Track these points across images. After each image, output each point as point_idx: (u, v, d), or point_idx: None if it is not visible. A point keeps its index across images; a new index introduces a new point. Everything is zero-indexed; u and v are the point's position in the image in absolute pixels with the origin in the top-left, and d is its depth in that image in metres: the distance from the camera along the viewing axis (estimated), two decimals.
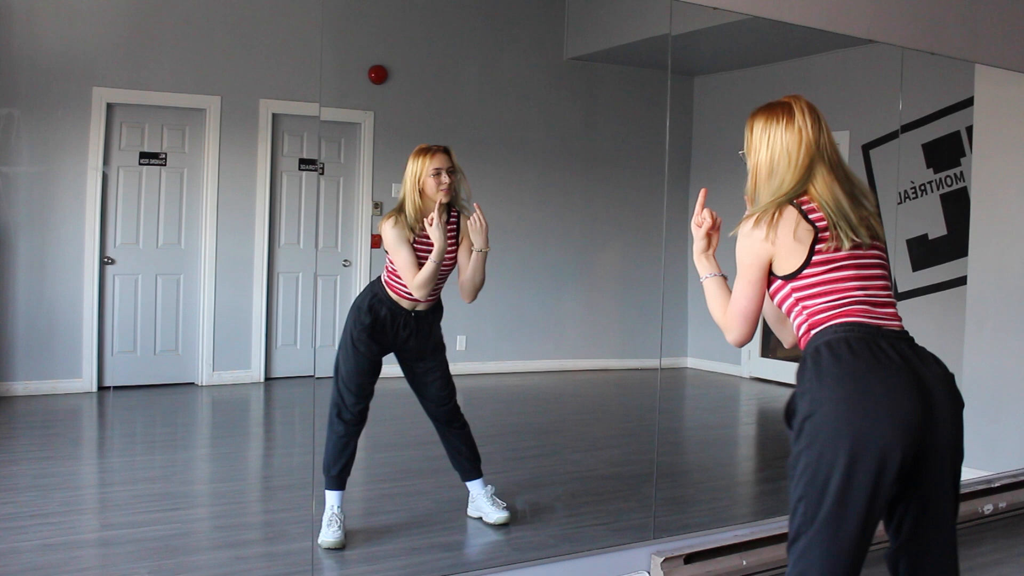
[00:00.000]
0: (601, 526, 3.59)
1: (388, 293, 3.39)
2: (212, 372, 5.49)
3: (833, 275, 2.03)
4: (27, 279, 5.12)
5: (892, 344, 1.97)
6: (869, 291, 2.04)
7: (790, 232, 2.03)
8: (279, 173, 5.71)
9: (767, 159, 2.13)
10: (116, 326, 5.25)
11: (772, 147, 2.12)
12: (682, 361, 6.92)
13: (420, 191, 3.35)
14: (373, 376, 3.42)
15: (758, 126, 2.16)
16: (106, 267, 5.24)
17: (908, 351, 1.99)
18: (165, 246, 5.45)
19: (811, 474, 1.92)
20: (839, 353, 1.94)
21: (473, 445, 3.58)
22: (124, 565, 3.06)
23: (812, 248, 2.03)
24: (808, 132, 2.10)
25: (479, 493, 3.58)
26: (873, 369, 1.92)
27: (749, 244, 2.08)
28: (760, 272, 2.08)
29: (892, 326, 2.03)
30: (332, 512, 3.31)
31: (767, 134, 2.13)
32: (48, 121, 5.16)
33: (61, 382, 5.12)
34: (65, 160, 5.22)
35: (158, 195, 5.41)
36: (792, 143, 2.10)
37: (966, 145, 5.38)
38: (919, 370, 1.96)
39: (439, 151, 3.38)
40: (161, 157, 5.40)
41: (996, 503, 4.16)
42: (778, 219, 2.04)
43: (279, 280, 5.70)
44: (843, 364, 1.93)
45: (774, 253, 2.05)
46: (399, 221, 3.33)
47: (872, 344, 1.95)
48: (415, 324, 3.41)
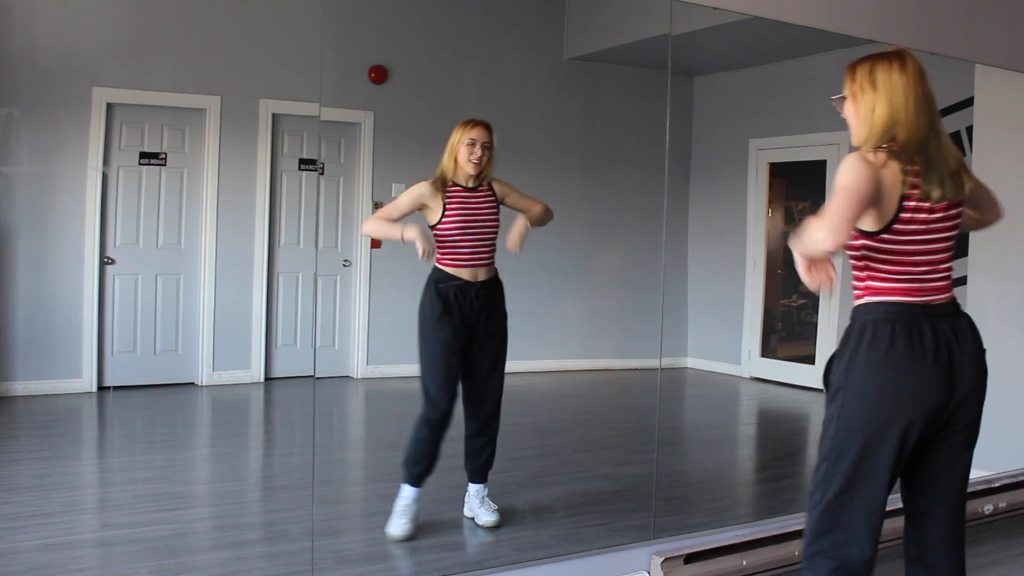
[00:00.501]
0: (601, 526, 3.59)
1: (445, 270, 3.44)
2: (212, 372, 5.49)
3: (906, 247, 2.10)
4: (27, 279, 5.11)
5: (933, 325, 2.10)
6: (929, 265, 2.12)
7: (892, 186, 2.05)
8: (279, 173, 5.71)
9: (883, 101, 2.12)
10: (116, 326, 5.25)
11: (887, 90, 2.12)
12: (682, 361, 6.92)
13: (455, 159, 3.46)
14: (456, 370, 3.44)
15: (874, 72, 2.14)
16: (106, 267, 5.24)
17: (947, 331, 2.11)
18: (165, 246, 5.45)
19: (835, 441, 2.14)
20: (880, 339, 2.08)
21: (494, 452, 3.60)
22: (124, 565, 3.06)
23: (898, 213, 2.07)
24: (922, 84, 2.13)
25: (473, 492, 3.59)
26: (907, 361, 2.07)
27: (863, 172, 2.02)
28: (868, 198, 2.02)
29: (940, 299, 2.14)
30: (406, 503, 3.38)
31: (882, 77, 2.13)
32: (48, 121, 5.16)
33: (61, 382, 5.12)
34: (65, 160, 5.22)
35: (158, 195, 5.41)
36: (904, 88, 2.11)
37: (966, 145, 5.38)
38: (952, 354, 2.11)
39: (480, 124, 3.49)
40: (161, 157, 5.40)
41: (996, 503, 4.16)
42: (887, 169, 2.06)
43: (279, 280, 5.70)
44: (881, 351, 2.08)
45: (879, 195, 2.05)
46: (431, 185, 3.43)
47: (914, 329, 2.08)
48: (484, 295, 3.46)
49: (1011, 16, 4.39)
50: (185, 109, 5.46)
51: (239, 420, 5.47)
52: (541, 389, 5.84)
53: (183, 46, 5.46)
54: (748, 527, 3.59)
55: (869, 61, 2.17)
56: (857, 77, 2.17)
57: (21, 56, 5.05)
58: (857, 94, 2.17)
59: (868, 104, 2.14)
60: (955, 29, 4.18)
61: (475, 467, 3.59)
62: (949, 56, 4.16)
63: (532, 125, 6.00)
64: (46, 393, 5.05)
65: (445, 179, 3.45)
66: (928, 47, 4.05)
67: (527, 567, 3.18)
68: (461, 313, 3.43)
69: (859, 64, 2.19)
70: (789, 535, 3.52)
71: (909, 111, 2.09)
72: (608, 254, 6.70)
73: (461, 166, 3.46)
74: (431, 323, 3.41)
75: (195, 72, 5.51)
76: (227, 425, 5.42)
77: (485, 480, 3.59)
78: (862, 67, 2.17)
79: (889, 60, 2.14)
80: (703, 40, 4.96)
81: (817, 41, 3.85)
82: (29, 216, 5.15)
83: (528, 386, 5.76)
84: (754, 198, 6.70)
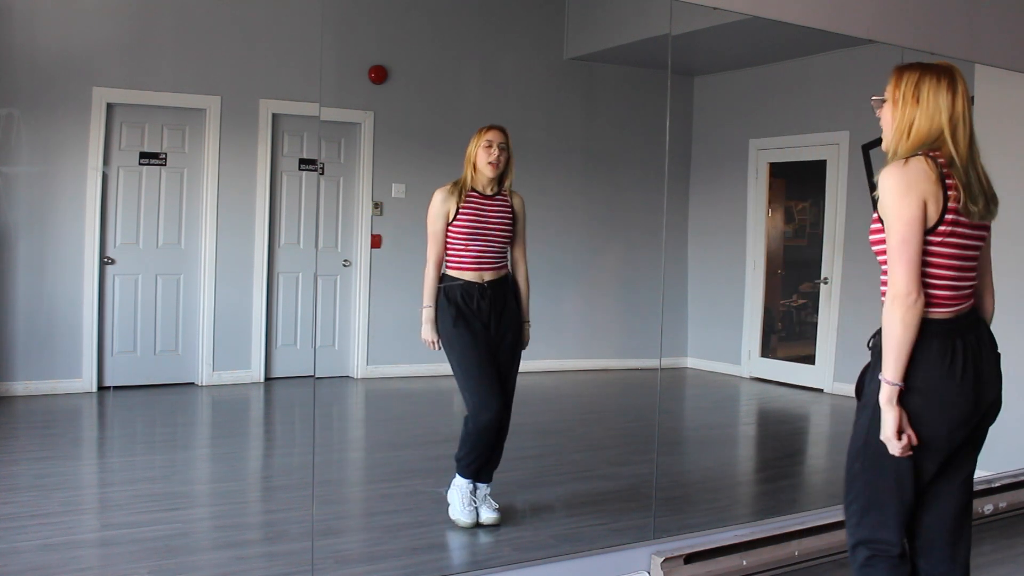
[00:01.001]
0: (601, 526, 3.59)
1: (451, 273, 3.47)
2: (212, 372, 5.49)
3: (941, 250, 2.10)
4: (27, 279, 5.11)
5: (962, 338, 2.13)
6: (960, 271, 2.15)
7: (934, 189, 2.06)
8: (279, 173, 5.71)
9: (923, 126, 2.12)
10: (116, 326, 5.25)
11: (930, 108, 2.12)
12: (682, 361, 6.92)
13: (473, 164, 3.50)
14: (491, 367, 3.45)
15: (920, 85, 2.14)
16: (106, 267, 5.24)
17: (974, 343, 2.15)
18: (165, 246, 5.45)
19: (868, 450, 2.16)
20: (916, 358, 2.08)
21: (500, 453, 3.61)
22: (124, 565, 3.06)
23: (942, 216, 2.07)
24: (963, 103, 2.13)
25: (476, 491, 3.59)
26: (940, 381, 2.10)
27: (909, 181, 2.06)
28: (921, 210, 2.06)
29: (964, 309, 2.17)
30: (464, 492, 3.46)
31: (928, 93, 2.12)
32: (48, 121, 5.16)
33: (61, 382, 5.12)
34: (65, 160, 5.21)
35: (158, 195, 5.41)
36: (949, 109, 2.11)
37: None
38: (978, 367, 2.14)
39: (495, 127, 3.55)
40: (161, 157, 5.40)
41: (996, 503, 4.16)
42: (926, 171, 2.06)
43: (279, 280, 5.70)
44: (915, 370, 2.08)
45: (927, 199, 2.06)
46: (450, 191, 3.48)
47: (944, 344, 2.10)
48: (491, 295, 3.47)
49: (1011, 16, 4.39)
50: (185, 109, 5.46)
51: (239, 420, 5.47)
52: (541, 389, 5.83)
53: (183, 46, 5.46)
54: (748, 527, 3.59)
55: (918, 71, 2.15)
56: (902, 85, 2.16)
57: (21, 56, 5.05)
58: (899, 102, 2.16)
59: (908, 117, 2.14)
60: (955, 29, 4.18)
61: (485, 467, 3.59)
62: (949, 56, 4.15)
63: (532, 125, 6.00)
64: (46, 393, 5.05)
65: (464, 186, 3.49)
66: (928, 47, 4.05)
67: (527, 567, 3.17)
68: (471, 313, 3.44)
69: (907, 71, 2.17)
70: (789, 535, 3.52)
71: (953, 133, 2.11)
72: (608, 254, 6.70)
73: (480, 170, 3.49)
74: (450, 330, 3.43)
75: (195, 72, 5.51)
76: (227, 425, 5.42)
77: (490, 480, 3.60)
78: (910, 76, 2.15)
79: (938, 76, 2.13)
80: (703, 40, 4.96)
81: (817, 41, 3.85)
82: (29, 216, 5.15)
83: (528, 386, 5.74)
84: (754, 198, 6.70)
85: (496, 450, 3.58)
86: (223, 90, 5.52)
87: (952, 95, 2.11)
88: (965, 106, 2.13)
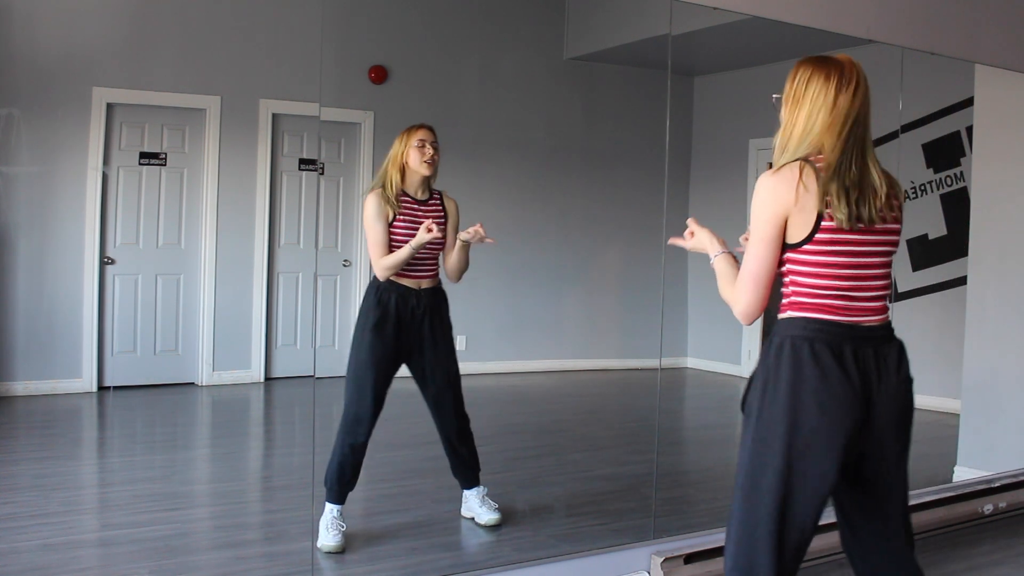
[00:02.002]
0: (601, 526, 3.59)
1: (390, 279, 3.37)
2: (212, 372, 5.50)
3: (829, 259, 1.98)
4: (27, 279, 5.12)
5: (856, 349, 1.98)
6: (858, 280, 2.01)
7: (809, 196, 1.95)
8: (279, 173, 5.72)
9: (806, 116, 2.01)
10: (116, 326, 5.25)
11: (817, 105, 2.00)
12: (682, 361, 6.92)
13: (402, 165, 3.36)
14: (386, 383, 3.36)
15: (811, 80, 2.02)
16: (106, 267, 5.24)
17: (871, 357, 1.99)
18: (165, 246, 5.45)
19: (752, 466, 2.02)
20: (800, 358, 1.97)
21: (475, 449, 3.57)
22: (124, 565, 3.06)
23: (819, 220, 1.96)
24: (857, 100, 2.00)
25: (471, 494, 3.58)
26: (821, 387, 1.95)
27: (769, 198, 1.98)
28: (776, 230, 1.98)
29: (868, 322, 2.02)
30: (332, 516, 3.30)
31: (816, 90, 2.00)
32: (48, 121, 5.16)
33: (61, 382, 5.12)
34: (65, 160, 5.22)
35: (158, 195, 5.42)
36: (839, 107, 1.99)
37: (966, 145, 5.38)
38: (869, 385, 1.98)
39: (423, 126, 3.41)
40: (161, 157, 5.40)
41: (996, 503, 4.16)
42: (800, 177, 1.96)
43: (279, 280, 5.70)
44: (798, 374, 1.97)
45: (791, 212, 1.96)
46: (379, 196, 3.33)
47: (835, 352, 1.97)
48: (427, 302, 3.38)
49: (1011, 16, 4.39)
50: (185, 109, 5.46)
51: (239, 420, 5.47)
52: (541, 389, 5.84)
53: (183, 46, 5.46)
54: None
55: (810, 68, 2.03)
56: (794, 83, 2.05)
57: (21, 56, 5.05)
58: (789, 100, 2.05)
59: (795, 117, 2.03)
60: (955, 29, 4.18)
61: (466, 475, 3.57)
62: (949, 56, 4.16)
63: (532, 125, 6.00)
64: (46, 393, 5.05)
65: (393, 190, 3.34)
66: (928, 47, 4.05)
67: (527, 567, 3.17)
68: (401, 321, 3.34)
69: (800, 67, 2.05)
70: None
71: (838, 135, 1.97)
72: (608, 254, 6.70)
73: (415, 169, 3.35)
74: (368, 335, 3.32)
75: (195, 72, 5.51)
76: (227, 425, 5.42)
77: (479, 483, 3.58)
78: (802, 72, 2.04)
79: (828, 72, 2.00)
80: (703, 40, 4.96)
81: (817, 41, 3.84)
82: (29, 216, 5.16)
83: (528, 386, 5.76)
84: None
85: (468, 450, 3.53)
86: (223, 90, 5.52)
87: (838, 92, 1.98)
88: (856, 104, 1.99)
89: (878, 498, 2.09)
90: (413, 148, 3.37)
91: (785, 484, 1.97)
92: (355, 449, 3.30)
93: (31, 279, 5.13)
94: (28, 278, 5.12)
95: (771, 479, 1.98)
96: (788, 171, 1.98)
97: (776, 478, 1.98)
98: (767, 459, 1.99)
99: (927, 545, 3.68)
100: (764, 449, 2.00)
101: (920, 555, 2.20)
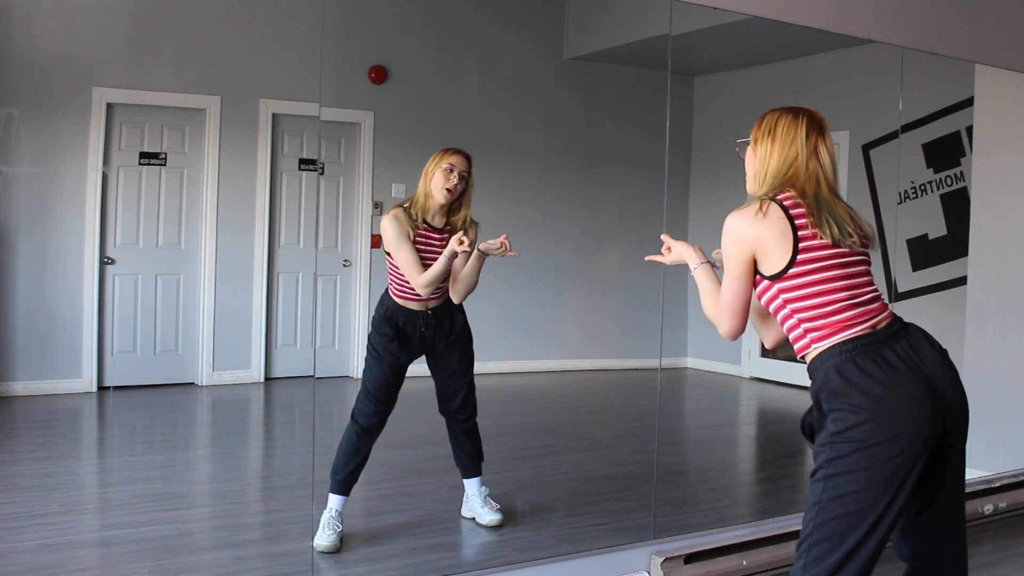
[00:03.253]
0: (601, 526, 3.59)
1: (397, 302, 3.35)
2: (212, 372, 5.50)
3: (819, 276, 2.04)
4: (27, 279, 5.12)
5: (893, 348, 2.01)
6: (855, 289, 2.06)
7: (774, 229, 2.06)
8: (279, 173, 5.72)
9: (777, 162, 2.17)
10: (116, 326, 5.25)
11: (788, 140, 2.17)
12: (682, 361, 6.92)
13: (428, 186, 3.30)
14: (397, 384, 3.38)
15: (779, 120, 2.21)
16: (106, 267, 5.24)
17: (908, 350, 2.02)
18: (165, 246, 5.45)
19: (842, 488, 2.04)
20: (851, 377, 1.99)
21: (478, 441, 3.57)
22: (124, 565, 3.06)
23: (796, 246, 2.05)
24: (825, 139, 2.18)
25: (473, 493, 3.58)
26: (889, 386, 1.97)
27: (732, 238, 2.12)
28: (744, 266, 2.11)
29: (884, 321, 2.06)
30: (331, 515, 3.30)
31: (785, 128, 2.19)
32: (48, 121, 5.16)
33: (61, 382, 5.12)
34: (65, 160, 5.22)
35: (158, 195, 5.42)
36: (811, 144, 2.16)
37: (966, 145, 5.38)
38: (923, 369, 2.01)
39: (459, 152, 3.31)
40: (161, 157, 5.40)
41: (996, 503, 4.16)
42: (762, 215, 2.08)
43: (279, 280, 5.70)
44: (859, 387, 1.98)
45: (756, 248, 2.08)
46: (398, 217, 3.26)
47: (877, 358, 1.99)
48: (435, 320, 3.38)
49: (1011, 16, 4.39)
50: (185, 109, 5.46)
51: (239, 420, 5.47)
52: (541, 389, 5.84)
53: (183, 46, 5.46)
54: (748, 527, 3.59)
55: (778, 113, 2.23)
56: (763, 125, 2.24)
57: (21, 56, 5.05)
58: (758, 141, 2.23)
59: (765, 156, 2.20)
60: (955, 29, 4.18)
61: (466, 462, 3.56)
62: (949, 56, 4.16)
63: (532, 125, 6.00)
64: (46, 393, 5.05)
65: (417, 212, 3.28)
66: (928, 47, 4.05)
67: (527, 567, 3.18)
68: (412, 341, 3.36)
69: (768, 114, 2.24)
70: (789, 535, 3.52)
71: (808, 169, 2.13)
72: (608, 254, 6.70)
73: (433, 194, 3.27)
74: (380, 343, 3.35)
75: (195, 72, 5.51)
76: (227, 425, 5.42)
77: (480, 473, 3.57)
78: (770, 117, 2.23)
79: (795, 116, 2.19)
80: (703, 40, 4.96)
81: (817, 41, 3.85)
82: (29, 216, 5.15)
83: (528, 386, 5.76)
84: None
85: (472, 436, 3.54)
86: (223, 90, 5.52)
87: (808, 130, 2.16)
88: (823, 142, 2.16)
89: (944, 478, 2.12)
90: (440, 170, 3.28)
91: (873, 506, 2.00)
92: (360, 433, 3.32)
93: (31, 279, 5.13)
94: (28, 278, 5.12)
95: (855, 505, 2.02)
96: (751, 208, 2.11)
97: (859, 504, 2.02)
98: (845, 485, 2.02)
99: None
100: (843, 478, 2.02)
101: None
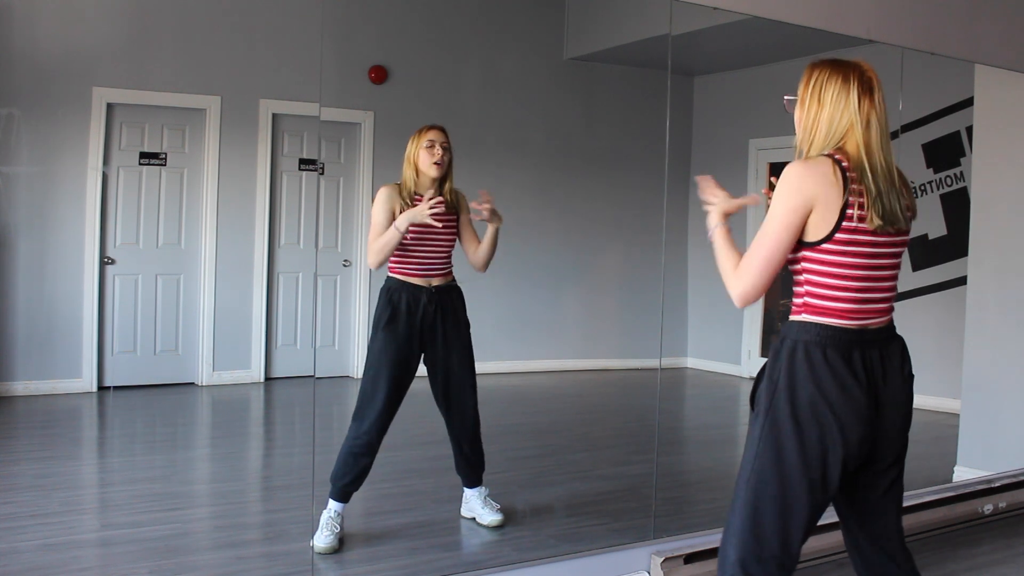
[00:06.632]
0: (601, 526, 3.59)
1: (397, 277, 3.37)
2: (212, 372, 5.50)
3: (845, 259, 1.98)
4: (27, 279, 5.12)
5: (863, 352, 2.00)
6: (871, 282, 2.03)
7: (835, 198, 1.95)
8: (279, 173, 5.72)
9: (828, 118, 2.02)
10: (116, 326, 5.26)
11: (839, 107, 2.01)
12: (682, 361, 6.92)
13: (415, 166, 3.39)
14: (401, 385, 3.34)
15: (828, 82, 2.04)
16: (106, 267, 5.24)
17: (876, 359, 2.01)
18: (165, 246, 5.46)
19: (757, 463, 2.05)
20: (813, 364, 1.98)
21: (481, 456, 3.56)
22: (124, 565, 3.06)
23: (839, 224, 1.96)
24: (877, 102, 2.03)
25: (473, 494, 3.58)
26: (838, 397, 1.97)
27: (799, 186, 1.96)
28: (800, 219, 1.97)
29: (875, 324, 2.04)
30: (331, 515, 3.29)
31: (835, 92, 2.02)
32: (48, 121, 5.16)
33: (61, 382, 5.13)
34: (65, 160, 5.22)
35: (158, 195, 5.42)
36: (863, 109, 2.01)
37: (966, 145, 5.38)
38: (875, 385, 2.00)
39: (434, 127, 3.44)
40: (161, 157, 5.40)
41: (996, 503, 4.16)
42: (834, 178, 1.95)
43: (279, 280, 5.70)
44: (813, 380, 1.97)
45: (816, 208, 1.95)
46: (393, 190, 3.36)
47: (847, 355, 1.99)
48: (438, 299, 3.38)
49: (1011, 16, 4.39)
50: (185, 109, 5.47)
51: (239, 420, 5.47)
52: (541, 389, 5.84)
53: (183, 46, 5.46)
54: None
55: (827, 70, 2.05)
56: (810, 84, 2.06)
57: (21, 56, 5.05)
58: (806, 102, 2.06)
59: (815, 117, 2.05)
60: (955, 29, 4.18)
61: (469, 474, 3.56)
62: (949, 56, 4.16)
63: (532, 125, 6.01)
64: (46, 393, 5.05)
65: (408, 190, 3.37)
66: (928, 47, 4.05)
67: (527, 567, 3.17)
68: (411, 319, 3.33)
69: (816, 69, 2.07)
70: None
71: (863, 135, 2.00)
72: (608, 254, 6.71)
73: (425, 171, 3.38)
74: (378, 331, 3.32)
75: (195, 72, 5.51)
76: (227, 425, 5.42)
77: (481, 482, 3.57)
78: (818, 74, 2.05)
79: (846, 74, 2.02)
80: (703, 40, 4.96)
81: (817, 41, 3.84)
82: (29, 216, 5.16)
83: (528, 386, 5.76)
84: None
85: (475, 451, 3.52)
86: (223, 90, 5.52)
87: (859, 94, 2.01)
88: (874, 106, 2.02)
89: (878, 497, 2.11)
90: (423, 149, 3.39)
91: (791, 486, 2.00)
92: (359, 446, 3.29)
93: (31, 279, 5.13)
94: (28, 278, 5.12)
95: (777, 480, 2.01)
96: (820, 163, 1.98)
97: (782, 479, 2.00)
98: (775, 458, 2.01)
99: (927, 545, 3.68)
100: (772, 448, 2.01)
101: (920, 555, 2.21)
